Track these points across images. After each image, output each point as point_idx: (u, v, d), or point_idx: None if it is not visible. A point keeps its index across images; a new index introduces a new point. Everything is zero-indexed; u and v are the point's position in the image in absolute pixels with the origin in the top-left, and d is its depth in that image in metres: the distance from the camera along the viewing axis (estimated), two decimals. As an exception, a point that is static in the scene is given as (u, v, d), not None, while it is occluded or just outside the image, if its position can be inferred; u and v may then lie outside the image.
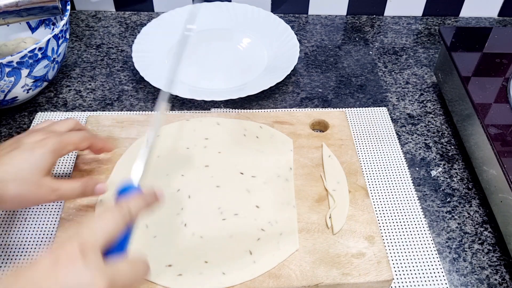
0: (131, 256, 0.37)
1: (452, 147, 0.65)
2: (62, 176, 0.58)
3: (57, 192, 0.46)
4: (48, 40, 0.61)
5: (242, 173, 0.56)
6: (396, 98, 0.72)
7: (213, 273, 0.47)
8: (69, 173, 0.58)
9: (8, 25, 0.70)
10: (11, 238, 0.52)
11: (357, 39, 0.83)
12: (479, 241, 0.54)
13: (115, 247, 0.36)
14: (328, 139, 0.60)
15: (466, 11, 0.89)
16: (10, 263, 0.50)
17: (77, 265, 0.31)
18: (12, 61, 0.58)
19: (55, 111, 0.67)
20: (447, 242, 0.54)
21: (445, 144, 0.65)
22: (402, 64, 0.78)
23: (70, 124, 0.52)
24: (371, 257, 0.49)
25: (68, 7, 0.65)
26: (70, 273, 0.31)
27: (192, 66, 0.74)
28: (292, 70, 0.71)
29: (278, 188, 0.55)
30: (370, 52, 0.80)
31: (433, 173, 0.61)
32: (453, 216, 0.57)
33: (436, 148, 0.65)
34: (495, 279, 0.51)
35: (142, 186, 0.42)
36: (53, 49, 0.63)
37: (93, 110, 0.67)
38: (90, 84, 0.72)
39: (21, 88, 0.62)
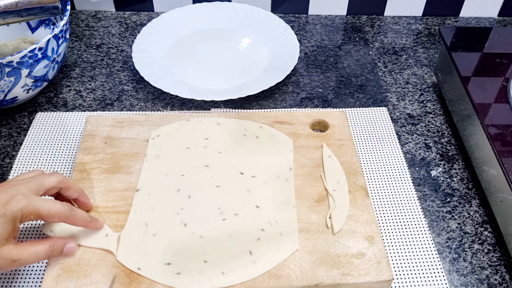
0: None
1: (452, 147, 0.65)
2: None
3: (18, 262, 0.42)
4: (48, 40, 0.61)
5: (242, 173, 0.56)
6: (396, 98, 0.72)
7: (213, 272, 0.47)
8: (69, 173, 0.58)
9: (8, 25, 0.70)
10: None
11: (357, 39, 0.83)
12: (479, 241, 0.54)
13: None
14: (328, 139, 0.60)
15: (466, 11, 0.89)
16: (10, 263, 0.50)
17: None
18: (12, 61, 0.58)
19: (55, 111, 0.67)
20: (447, 242, 0.54)
21: (445, 144, 0.65)
22: (402, 64, 0.78)
23: (51, 182, 0.46)
24: (371, 257, 0.49)
25: (68, 7, 0.65)
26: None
27: (192, 66, 0.74)
28: (292, 70, 0.71)
29: (278, 188, 0.55)
30: (370, 52, 0.80)
31: (433, 173, 0.61)
32: (453, 216, 0.57)
33: (436, 148, 0.65)
34: (495, 279, 0.51)
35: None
36: (53, 49, 0.63)
37: (93, 110, 0.67)
38: (90, 84, 0.72)
39: (21, 88, 0.62)
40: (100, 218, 0.51)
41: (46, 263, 0.48)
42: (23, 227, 0.52)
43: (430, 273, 0.51)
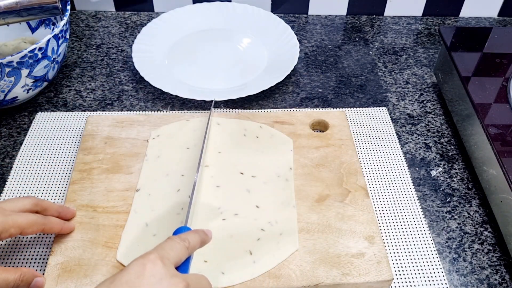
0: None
1: (452, 147, 0.65)
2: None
3: None
4: (48, 40, 0.61)
5: (242, 173, 0.56)
6: (396, 98, 0.72)
7: (213, 272, 0.47)
8: (69, 173, 0.58)
9: (8, 25, 0.70)
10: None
11: (357, 39, 0.83)
12: (479, 241, 0.54)
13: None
14: (328, 139, 0.60)
15: (466, 11, 0.89)
16: (10, 262, 0.50)
17: (159, 267, 0.37)
18: (12, 61, 0.58)
19: (55, 111, 0.67)
20: (447, 242, 0.54)
21: (445, 144, 0.65)
22: (402, 64, 0.78)
23: (25, 204, 0.47)
24: (371, 257, 0.49)
25: (68, 7, 0.65)
26: (155, 272, 0.37)
27: (192, 66, 0.74)
28: (292, 70, 0.71)
29: (278, 188, 0.55)
30: (370, 52, 0.80)
31: (433, 173, 0.61)
32: (453, 216, 0.57)
33: (436, 148, 0.65)
34: (495, 279, 0.51)
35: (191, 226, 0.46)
36: (53, 49, 0.63)
37: (93, 110, 0.67)
38: (90, 84, 0.72)
39: (21, 88, 0.62)
40: (100, 218, 0.51)
41: (46, 262, 0.48)
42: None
43: (430, 273, 0.51)
